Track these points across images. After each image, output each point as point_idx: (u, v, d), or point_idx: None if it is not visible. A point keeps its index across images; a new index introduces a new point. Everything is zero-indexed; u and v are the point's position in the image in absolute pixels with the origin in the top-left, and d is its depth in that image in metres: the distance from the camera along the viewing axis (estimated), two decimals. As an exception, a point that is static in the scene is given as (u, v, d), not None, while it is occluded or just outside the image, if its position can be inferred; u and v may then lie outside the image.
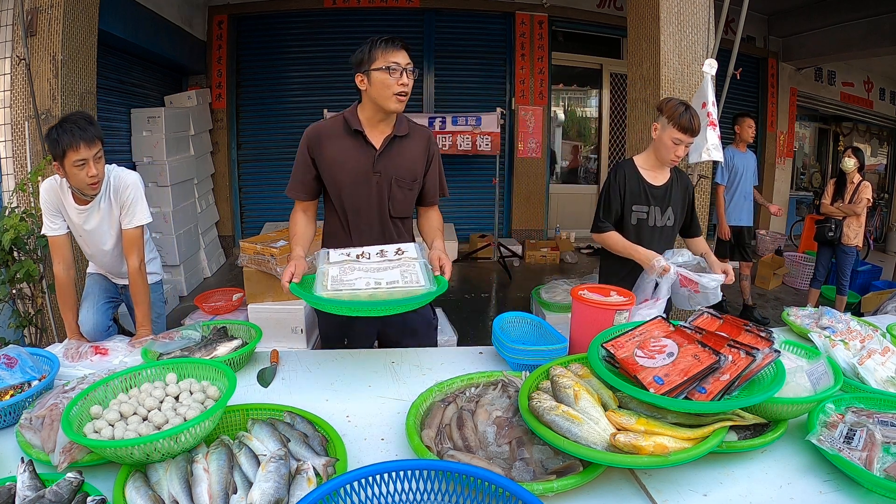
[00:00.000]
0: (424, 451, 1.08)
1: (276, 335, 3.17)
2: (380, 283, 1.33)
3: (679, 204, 2.15)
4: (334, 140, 1.72)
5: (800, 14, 6.69)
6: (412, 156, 1.78)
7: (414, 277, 1.36)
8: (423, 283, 1.34)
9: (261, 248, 3.18)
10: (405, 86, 1.64)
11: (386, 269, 1.42)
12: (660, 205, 2.11)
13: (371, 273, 1.40)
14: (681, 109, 1.98)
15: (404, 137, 1.76)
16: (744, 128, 4.39)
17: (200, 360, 1.42)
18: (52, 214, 2.10)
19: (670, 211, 2.13)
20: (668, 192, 2.12)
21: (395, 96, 1.63)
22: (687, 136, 1.98)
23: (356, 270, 1.42)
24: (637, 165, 2.14)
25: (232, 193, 6.40)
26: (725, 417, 1.06)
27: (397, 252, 1.53)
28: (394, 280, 1.35)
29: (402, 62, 1.62)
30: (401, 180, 1.77)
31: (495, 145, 5.74)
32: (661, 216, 2.12)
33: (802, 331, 1.78)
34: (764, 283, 5.61)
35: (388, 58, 1.61)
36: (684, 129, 1.97)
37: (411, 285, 1.33)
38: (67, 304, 2.17)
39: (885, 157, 9.85)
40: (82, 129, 1.87)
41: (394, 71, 1.61)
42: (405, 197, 1.80)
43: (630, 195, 2.10)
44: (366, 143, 1.73)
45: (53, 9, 2.89)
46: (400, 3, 6.23)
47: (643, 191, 2.10)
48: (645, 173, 2.12)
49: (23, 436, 1.14)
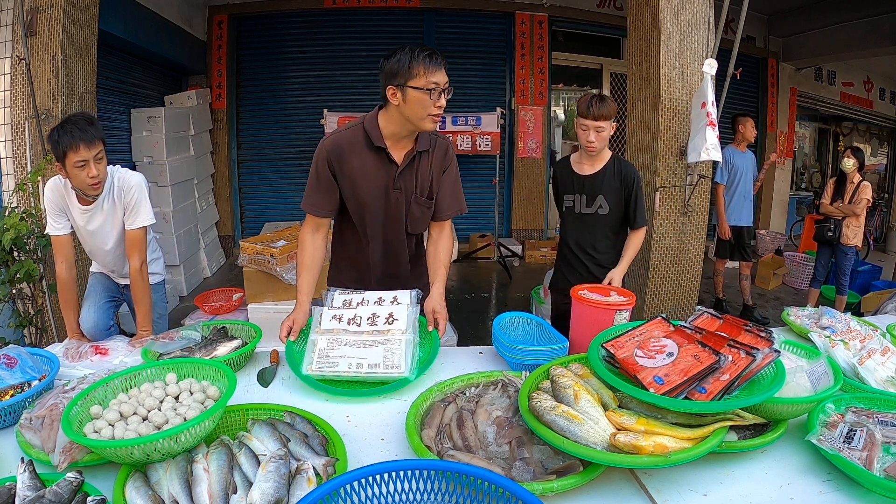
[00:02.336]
0: (424, 451, 1.08)
1: (276, 335, 3.16)
2: (361, 365, 1.41)
3: (613, 192, 2.21)
4: (356, 154, 1.63)
5: (800, 14, 6.69)
6: (430, 172, 1.71)
7: (395, 360, 1.42)
8: (402, 370, 1.40)
9: (261, 248, 3.18)
10: (441, 107, 1.55)
11: (371, 346, 1.46)
12: (586, 193, 2.24)
13: (356, 349, 1.46)
14: (586, 99, 2.11)
15: (425, 153, 1.69)
16: (747, 128, 4.40)
17: (200, 360, 1.42)
18: (56, 214, 2.10)
19: (601, 199, 2.22)
20: (597, 180, 2.22)
21: (430, 117, 1.55)
22: (588, 120, 2.10)
23: (342, 346, 1.47)
24: (571, 159, 2.33)
25: (232, 193, 6.40)
26: (725, 417, 1.06)
27: (388, 319, 1.52)
28: (375, 363, 1.42)
29: (442, 82, 1.54)
30: (419, 197, 1.72)
31: (495, 145, 5.75)
32: (586, 203, 2.25)
33: (802, 331, 1.78)
34: (764, 283, 5.61)
35: (430, 77, 1.51)
36: (582, 114, 2.12)
37: (390, 371, 1.40)
38: (69, 304, 2.17)
39: (885, 157, 9.86)
40: (83, 130, 1.87)
41: (433, 91, 1.52)
42: (423, 214, 1.75)
43: (562, 185, 2.32)
44: (388, 159, 1.64)
45: (53, 9, 2.89)
46: (400, 3, 6.23)
47: (571, 180, 2.28)
48: (575, 165, 2.29)
49: (23, 436, 1.14)
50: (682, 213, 3.59)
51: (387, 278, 1.80)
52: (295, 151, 6.39)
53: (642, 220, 2.24)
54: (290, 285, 3.22)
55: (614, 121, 2.14)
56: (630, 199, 2.21)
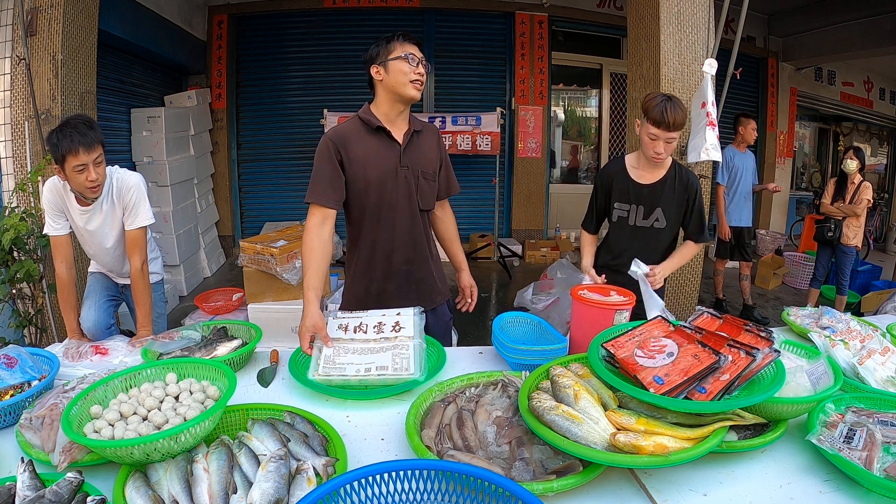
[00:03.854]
0: (424, 451, 1.08)
1: (276, 335, 3.17)
2: (370, 370, 1.40)
3: (673, 205, 2.03)
4: (359, 140, 1.72)
5: (800, 14, 6.69)
6: (430, 149, 1.84)
7: (405, 363, 1.41)
8: (411, 371, 1.39)
9: (261, 247, 3.18)
10: (421, 74, 1.69)
11: (379, 352, 1.45)
12: (643, 203, 2.04)
13: (363, 355, 1.45)
14: (656, 102, 1.87)
15: (420, 132, 1.81)
16: (747, 129, 4.40)
17: (200, 360, 1.42)
18: (55, 214, 2.10)
19: (659, 212, 2.03)
20: (656, 191, 2.02)
21: (411, 83, 1.67)
22: (661, 130, 1.87)
23: (349, 353, 1.46)
24: (626, 163, 2.10)
25: (232, 193, 6.40)
26: (725, 417, 1.06)
27: (394, 327, 1.53)
28: (384, 366, 1.41)
29: (418, 54, 1.69)
30: (426, 172, 1.80)
31: (495, 145, 5.74)
32: (642, 216, 2.05)
33: (802, 331, 1.78)
34: (764, 283, 5.61)
35: (406, 49, 1.68)
36: (656, 122, 1.86)
37: (400, 374, 1.39)
38: (68, 304, 2.17)
39: (885, 157, 9.86)
40: (82, 133, 1.87)
41: (412, 59, 1.67)
42: (430, 189, 1.83)
43: (616, 192, 2.08)
44: (390, 139, 1.74)
45: (53, 9, 2.89)
46: (400, 3, 6.23)
47: (627, 188, 2.06)
48: (633, 171, 2.07)
49: (23, 436, 1.14)
50: (682, 213, 3.58)
51: (406, 265, 1.82)
52: (295, 151, 6.40)
53: (706, 235, 2.08)
54: (290, 285, 3.22)
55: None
56: (691, 210, 2.04)
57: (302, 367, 1.50)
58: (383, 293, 1.81)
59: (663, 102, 1.86)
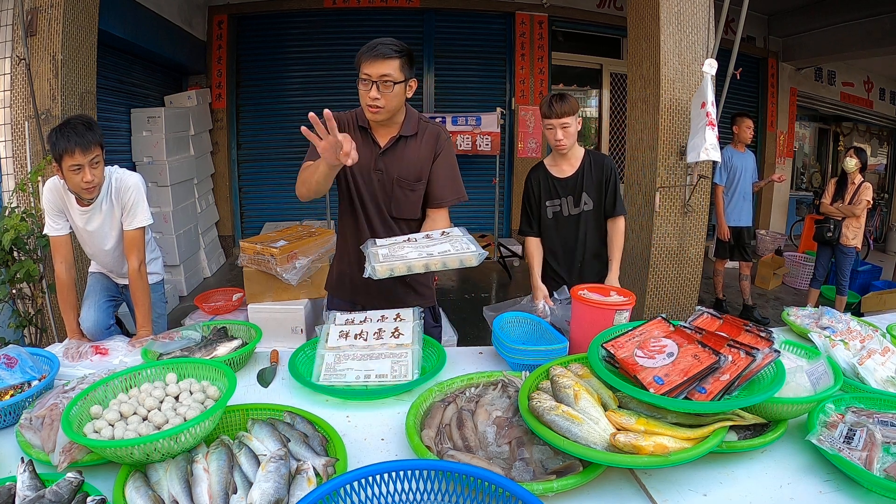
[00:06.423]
0: (424, 451, 1.08)
1: (276, 335, 3.17)
2: (369, 376, 1.43)
3: (595, 187, 2.22)
4: (349, 131, 1.70)
5: (800, 14, 6.69)
6: (418, 156, 1.74)
7: (403, 371, 1.44)
8: (409, 377, 1.42)
9: (261, 248, 3.17)
10: (375, 99, 1.59)
11: (378, 359, 1.47)
12: (571, 194, 2.24)
13: (363, 362, 1.47)
14: (546, 99, 2.13)
15: (411, 137, 1.73)
16: (742, 128, 4.40)
17: (200, 360, 1.42)
18: (55, 215, 2.10)
19: (585, 196, 2.22)
20: (578, 179, 2.23)
21: (367, 107, 1.63)
22: (552, 119, 2.11)
23: (349, 360, 1.48)
24: (546, 164, 2.31)
25: (232, 193, 6.40)
26: (725, 417, 1.06)
27: (394, 334, 1.55)
28: (383, 373, 1.44)
29: (374, 74, 1.57)
30: (403, 181, 1.73)
31: (495, 145, 5.74)
32: (573, 204, 2.24)
33: (802, 331, 1.78)
34: (764, 283, 5.61)
35: (364, 69, 1.59)
36: (546, 115, 2.13)
37: (398, 379, 1.42)
38: (68, 304, 2.17)
39: (885, 157, 9.86)
40: (80, 134, 1.87)
41: (364, 83, 1.60)
42: (407, 198, 1.76)
43: (543, 192, 2.28)
44: (371, 140, 1.73)
45: (53, 9, 2.89)
46: (400, 3, 6.23)
47: (551, 186, 2.26)
48: (553, 169, 2.28)
49: (23, 436, 1.14)
50: (682, 213, 3.59)
51: None
52: (295, 151, 6.39)
53: (621, 209, 2.24)
54: (291, 285, 3.22)
55: (578, 116, 2.15)
56: (608, 189, 2.22)
57: (302, 367, 1.50)
58: (356, 288, 1.84)
59: (549, 98, 2.13)
